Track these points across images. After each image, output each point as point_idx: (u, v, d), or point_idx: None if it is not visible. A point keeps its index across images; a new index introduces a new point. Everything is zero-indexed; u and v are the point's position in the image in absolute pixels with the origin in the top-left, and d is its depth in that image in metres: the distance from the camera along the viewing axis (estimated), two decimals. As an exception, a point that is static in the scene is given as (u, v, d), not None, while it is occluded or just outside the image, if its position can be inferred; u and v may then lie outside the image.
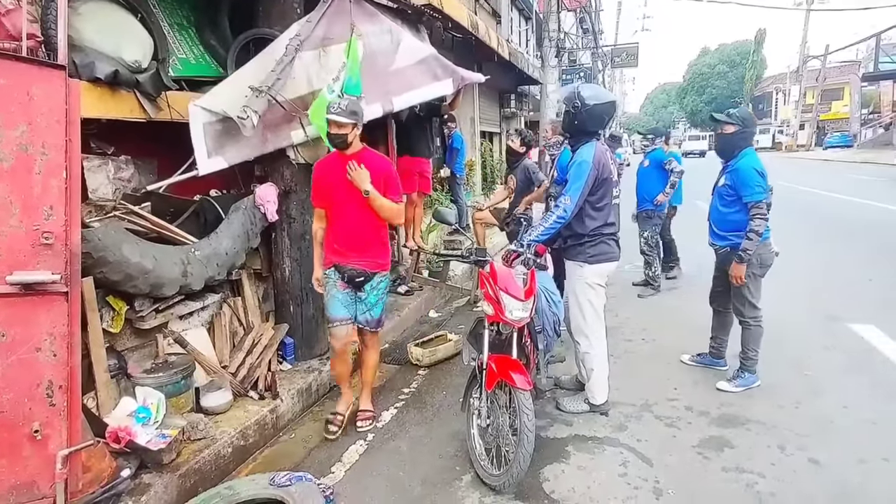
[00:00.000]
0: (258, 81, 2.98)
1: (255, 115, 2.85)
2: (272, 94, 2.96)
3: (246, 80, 3.04)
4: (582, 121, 2.82)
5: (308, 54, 3.31)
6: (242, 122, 2.84)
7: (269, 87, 2.94)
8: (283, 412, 3.17)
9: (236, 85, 3.08)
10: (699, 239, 7.96)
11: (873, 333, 3.96)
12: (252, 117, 2.83)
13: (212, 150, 3.12)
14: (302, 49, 3.23)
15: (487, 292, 2.50)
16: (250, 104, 2.86)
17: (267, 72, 3.05)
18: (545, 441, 2.81)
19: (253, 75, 3.07)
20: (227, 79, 3.19)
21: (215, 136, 3.12)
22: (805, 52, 35.36)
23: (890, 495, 2.26)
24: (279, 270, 3.65)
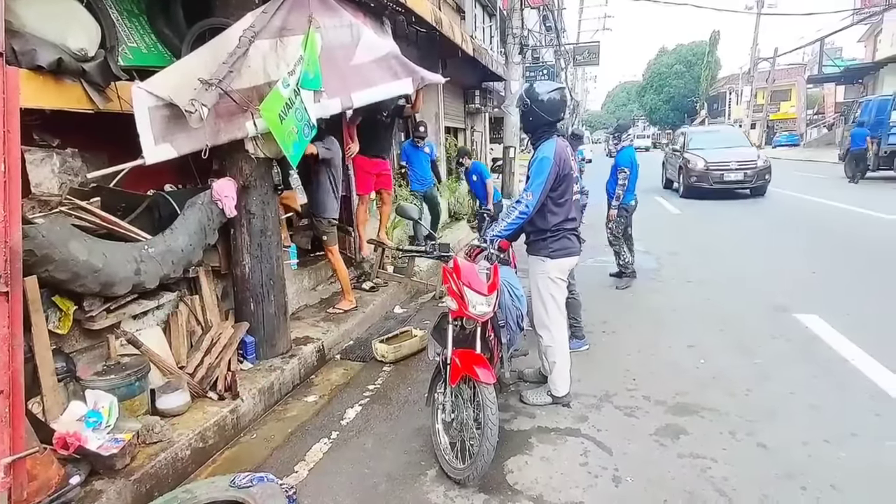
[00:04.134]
0: (209, 73, 2.87)
1: (203, 109, 2.74)
2: (223, 88, 2.86)
3: (195, 69, 2.90)
4: (536, 115, 2.87)
5: (265, 43, 3.21)
6: (190, 113, 2.72)
7: (221, 81, 2.84)
8: (244, 412, 3.10)
9: (185, 72, 2.92)
10: (648, 236, 8.19)
11: (816, 323, 4.18)
12: (201, 110, 2.72)
13: (159, 136, 2.92)
14: (258, 38, 3.14)
15: (451, 287, 2.51)
16: (199, 97, 2.74)
17: (218, 63, 2.93)
18: (509, 433, 2.85)
19: (203, 65, 2.94)
20: (175, 64, 3.04)
21: (163, 122, 2.92)
22: (756, 54, 36.81)
23: (829, 474, 2.40)
24: (239, 267, 3.56)
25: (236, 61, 3.01)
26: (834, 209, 9.80)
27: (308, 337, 4.07)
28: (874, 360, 3.46)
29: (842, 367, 3.44)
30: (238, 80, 3.09)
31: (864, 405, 2.97)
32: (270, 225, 3.57)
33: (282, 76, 3.12)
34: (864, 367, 3.39)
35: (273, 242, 3.60)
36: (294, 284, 4.75)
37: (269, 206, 3.54)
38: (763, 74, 37.99)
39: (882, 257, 6.19)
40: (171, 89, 2.86)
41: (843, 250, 6.60)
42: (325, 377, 3.78)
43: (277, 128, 3.04)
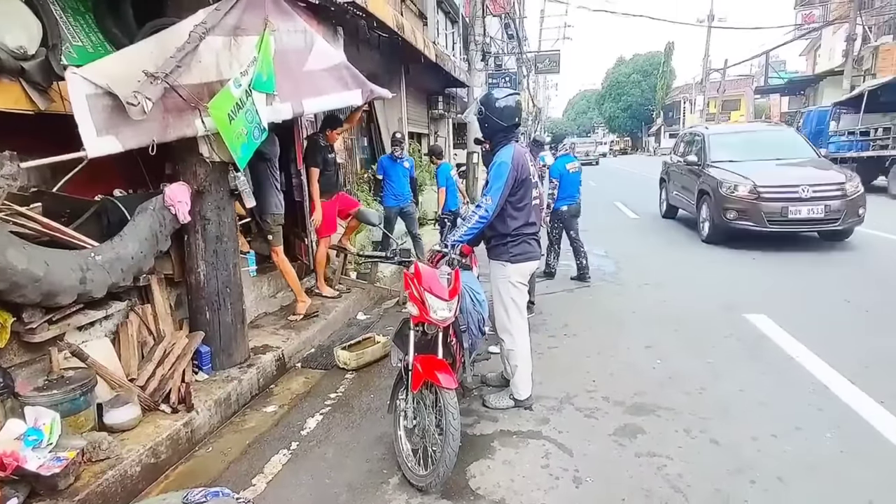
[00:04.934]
0: (154, 66, 2.75)
1: (147, 102, 2.61)
2: (169, 83, 2.76)
3: (139, 60, 2.77)
4: (491, 122, 2.92)
5: (218, 40, 3.12)
6: (131, 105, 2.59)
7: (167, 75, 2.73)
8: (199, 425, 2.99)
9: (128, 62, 2.78)
10: (607, 240, 8.39)
11: (764, 322, 4.37)
12: (144, 103, 2.59)
13: (102, 128, 2.71)
14: (211, 34, 3.05)
15: (412, 293, 2.50)
16: (143, 90, 2.62)
17: (166, 57, 2.82)
18: (472, 438, 2.85)
19: (149, 57, 2.82)
20: (117, 53, 2.90)
21: (106, 113, 2.72)
22: (707, 65, 38.43)
23: (776, 467, 2.50)
24: (193, 275, 3.44)
25: (185, 56, 2.91)
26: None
27: (267, 345, 3.97)
28: (817, 356, 3.64)
29: (787, 365, 3.60)
30: (187, 75, 2.99)
31: (807, 400, 3.12)
32: (227, 231, 3.47)
33: (234, 76, 3.05)
34: (807, 364, 3.56)
35: (230, 249, 3.50)
36: (253, 292, 4.63)
37: (224, 211, 3.44)
38: (714, 84, 39.68)
39: (823, 258, 6.54)
40: (110, 78, 2.69)
41: (788, 252, 6.93)
42: (285, 386, 3.70)
43: (226, 128, 2.97)
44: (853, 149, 13.94)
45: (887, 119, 13.05)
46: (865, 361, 3.56)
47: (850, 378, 3.30)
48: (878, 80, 15.19)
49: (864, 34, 22.81)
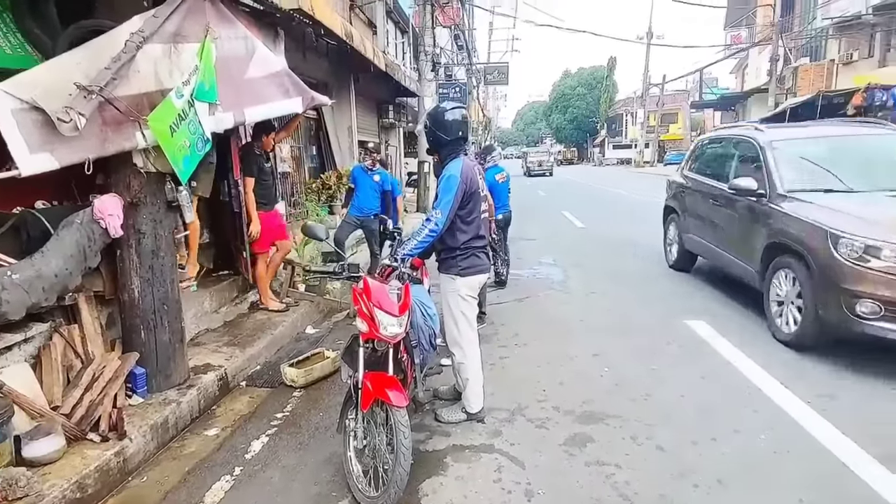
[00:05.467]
0: (87, 77, 2.59)
1: (80, 118, 2.47)
2: (105, 96, 2.61)
3: (70, 72, 2.61)
4: (437, 135, 2.93)
5: (157, 48, 2.98)
6: (62, 122, 2.43)
7: (102, 88, 2.58)
8: (133, 453, 2.80)
9: (57, 74, 2.61)
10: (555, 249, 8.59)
11: (705, 328, 4.57)
12: (77, 119, 2.44)
13: (36, 144, 2.53)
14: (149, 42, 2.90)
15: (361, 309, 2.44)
16: (76, 104, 2.47)
17: (100, 68, 2.66)
18: (424, 455, 2.81)
19: (80, 68, 2.65)
20: (44, 64, 2.71)
21: (38, 128, 2.54)
22: (647, 80, 40.38)
23: (716, 469, 2.60)
24: (126, 292, 3.24)
25: (121, 67, 2.76)
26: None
27: (209, 364, 3.78)
28: (751, 360, 3.84)
29: (725, 369, 3.77)
30: (125, 85, 2.83)
31: (743, 402, 3.27)
32: (163, 245, 3.29)
33: (176, 85, 2.91)
34: (743, 368, 3.74)
35: (167, 264, 3.32)
36: (193, 307, 4.41)
37: (161, 224, 3.26)
38: (654, 98, 41.71)
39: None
40: (37, 91, 2.52)
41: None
42: (228, 407, 3.53)
43: (167, 140, 2.83)
44: (778, 161, 14.91)
45: (808, 134, 14.02)
46: (793, 364, 3.78)
47: (781, 380, 3.50)
48: (798, 99, 16.38)
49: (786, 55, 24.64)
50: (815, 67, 23.54)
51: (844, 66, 21.61)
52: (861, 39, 20.91)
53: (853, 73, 20.08)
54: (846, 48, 21.78)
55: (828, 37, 23.29)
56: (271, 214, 4.91)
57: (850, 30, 21.13)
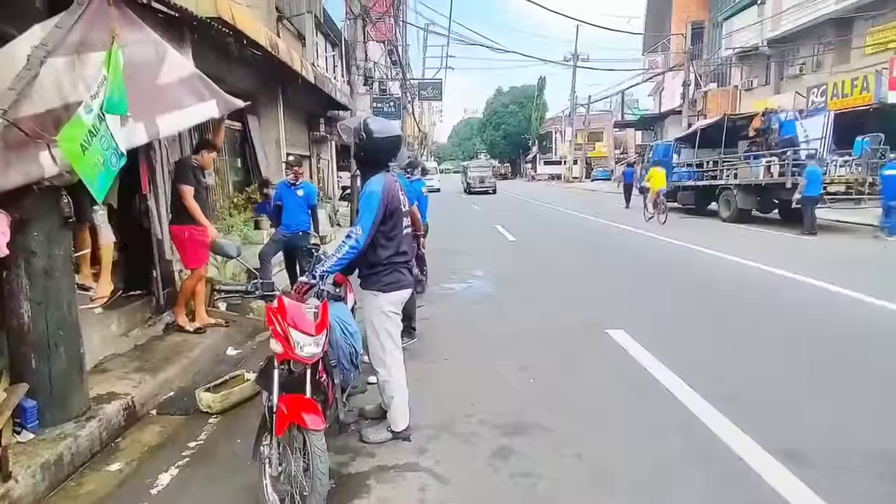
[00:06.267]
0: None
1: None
2: (10, 119, 2.40)
3: None
4: (369, 152, 2.88)
5: (59, 61, 2.78)
6: None
7: (6, 111, 2.38)
8: (20, 496, 2.51)
9: None
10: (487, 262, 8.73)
11: (623, 337, 4.79)
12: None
13: None
14: (52, 56, 2.70)
15: (275, 329, 2.35)
16: None
17: (2, 89, 2.47)
18: (347, 478, 2.72)
19: None
20: None
21: None
22: (574, 100, 42.40)
23: (633, 473, 2.71)
24: (15, 318, 2.93)
25: (25, 86, 2.55)
26: (634, 234, 11.52)
27: (114, 392, 3.49)
28: (664, 366, 4.05)
29: (641, 376, 3.96)
30: (28, 104, 2.63)
31: (657, 407, 3.44)
32: (59, 264, 3.01)
33: (83, 99, 2.71)
34: (658, 374, 3.94)
35: (63, 285, 3.04)
36: (99, 331, 4.08)
37: (56, 242, 2.99)
38: (581, 118, 43.85)
39: (664, 274, 7.39)
40: None
41: (637, 268, 7.74)
42: (135, 438, 3.26)
43: (79, 159, 2.64)
44: (691, 178, 16.13)
45: (715, 153, 15.32)
46: (701, 368, 4.03)
47: (692, 385, 3.71)
48: (707, 120, 17.83)
49: (696, 80, 26.74)
50: (722, 92, 25.76)
51: (746, 92, 23.80)
52: (759, 68, 23.13)
53: (753, 98, 22.19)
54: (747, 75, 24.02)
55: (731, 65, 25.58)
56: (192, 228, 4.66)
57: (750, 59, 23.33)
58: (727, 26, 24.30)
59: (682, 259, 8.68)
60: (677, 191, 16.69)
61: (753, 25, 21.68)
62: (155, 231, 4.63)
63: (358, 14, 12.61)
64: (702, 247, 9.57)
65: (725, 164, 14.48)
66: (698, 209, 16.17)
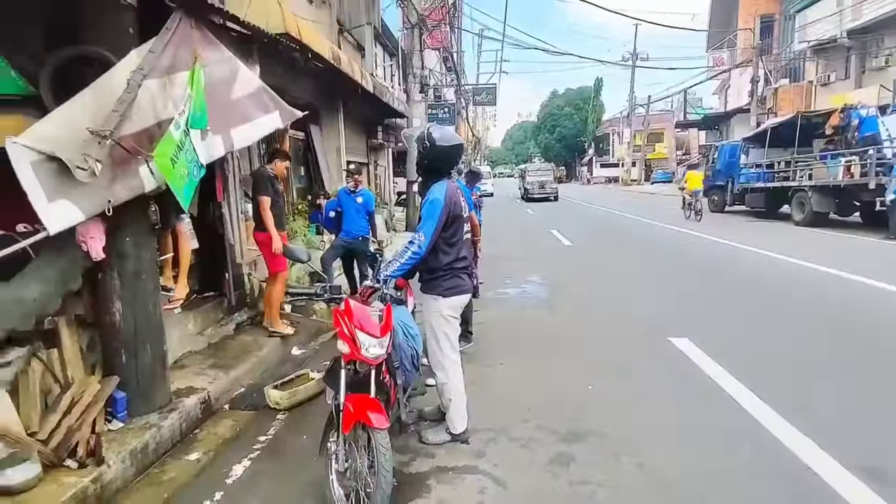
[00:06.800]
0: (95, 121, 2.67)
1: (97, 165, 2.60)
2: (115, 139, 2.70)
3: (79, 118, 2.69)
4: (432, 160, 2.95)
5: (153, 83, 3.06)
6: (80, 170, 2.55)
7: (112, 132, 2.67)
8: (111, 480, 2.75)
9: (68, 122, 2.68)
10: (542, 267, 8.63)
11: (687, 345, 4.61)
12: (94, 167, 2.58)
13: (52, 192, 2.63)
14: (146, 78, 2.97)
15: (342, 331, 2.45)
16: (90, 150, 2.58)
17: (107, 111, 2.74)
18: (408, 477, 2.79)
19: (88, 112, 2.73)
20: (54, 112, 2.75)
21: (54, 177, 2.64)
22: (633, 100, 41.20)
23: (698, 486, 2.62)
24: (107, 315, 3.21)
25: (126, 109, 2.84)
26: (699, 239, 11.04)
27: (192, 387, 3.74)
28: (731, 376, 3.87)
29: (706, 385, 3.80)
30: (128, 124, 2.91)
31: (724, 417, 3.30)
32: (146, 267, 3.28)
33: (172, 116, 2.98)
34: (724, 384, 3.77)
35: (149, 287, 3.31)
36: (177, 330, 4.38)
37: (144, 247, 3.26)
38: (640, 118, 42.52)
39: (735, 283, 7.03)
40: (52, 142, 2.61)
41: (708, 276, 7.41)
42: (210, 431, 3.48)
43: (170, 172, 2.93)
44: (761, 180, 15.27)
45: (788, 153, 14.43)
46: (772, 379, 3.82)
47: (761, 396, 3.53)
48: (778, 119, 16.83)
49: (766, 77, 25.29)
50: (795, 88, 24.20)
51: (822, 87, 22.25)
52: (837, 62, 21.57)
53: (830, 94, 20.70)
54: (823, 70, 22.45)
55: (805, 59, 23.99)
56: (282, 236, 4.93)
57: (827, 53, 21.80)
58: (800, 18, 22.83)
59: (750, 264, 8.25)
60: (745, 193, 15.84)
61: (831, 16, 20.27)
62: (228, 236, 4.93)
63: (415, 23, 12.88)
64: (772, 251, 9.06)
65: (799, 164, 13.62)
66: (769, 212, 15.28)
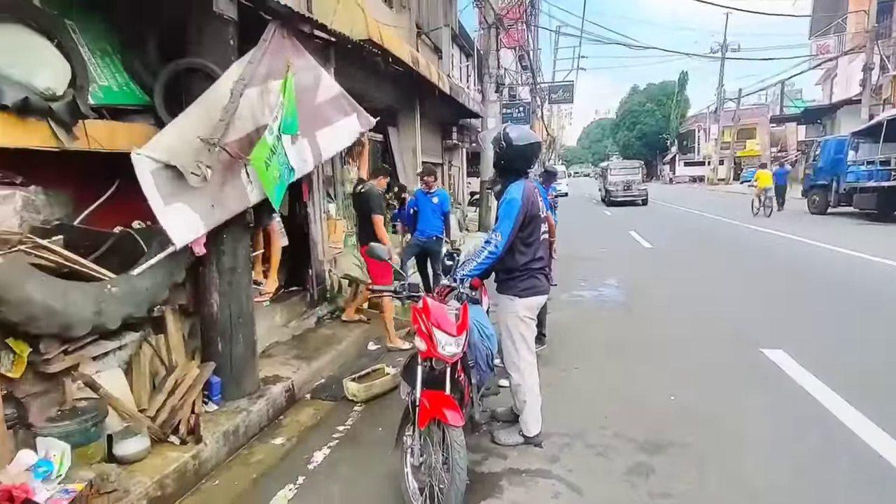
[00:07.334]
0: (205, 131, 2.95)
1: (208, 171, 2.87)
2: (222, 146, 2.97)
3: (191, 128, 2.98)
4: (508, 160, 2.93)
5: (252, 91, 3.33)
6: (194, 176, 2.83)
7: (220, 139, 2.95)
8: (207, 458, 2.99)
9: (181, 133, 2.98)
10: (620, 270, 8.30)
11: (782, 357, 4.26)
12: (206, 172, 2.84)
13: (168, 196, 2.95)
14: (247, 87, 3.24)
15: (420, 328, 2.50)
16: (202, 158, 2.86)
17: (214, 120, 3.02)
18: (480, 476, 2.80)
19: (199, 123, 3.02)
20: (170, 125, 3.06)
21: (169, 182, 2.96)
22: (722, 94, 38.61)
23: (787, 496, 2.42)
24: (206, 306, 3.49)
25: (231, 116, 3.11)
26: (791, 241, 10.15)
27: (278, 376, 3.98)
28: (834, 392, 3.54)
29: (803, 400, 3.50)
30: (232, 131, 3.19)
31: (821, 432, 3.03)
32: (241, 263, 3.53)
33: (268, 123, 3.21)
34: (823, 400, 3.45)
35: (243, 280, 3.55)
36: (265, 321, 4.67)
37: (240, 243, 3.51)
38: (729, 114, 39.75)
39: (837, 289, 6.40)
40: (168, 151, 2.91)
41: (803, 283, 6.80)
42: (294, 418, 3.69)
43: (263, 175, 3.18)
44: (873, 178, 13.76)
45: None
46: (879, 395, 3.44)
47: (864, 412, 3.20)
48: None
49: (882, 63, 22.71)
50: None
51: (951, 74, 19.64)
52: (971, 44, 18.96)
53: (962, 80, 18.23)
54: (953, 54, 19.81)
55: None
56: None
57: (958, 34, 19.22)
58: (925, -4, 20.33)
59: (855, 271, 7.46)
60: (852, 193, 14.35)
61: (963, -8, 17.86)
62: (312, 235, 5.19)
63: (492, 23, 12.86)
64: (881, 257, 8.14)
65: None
66: (882, 214, 13.73)
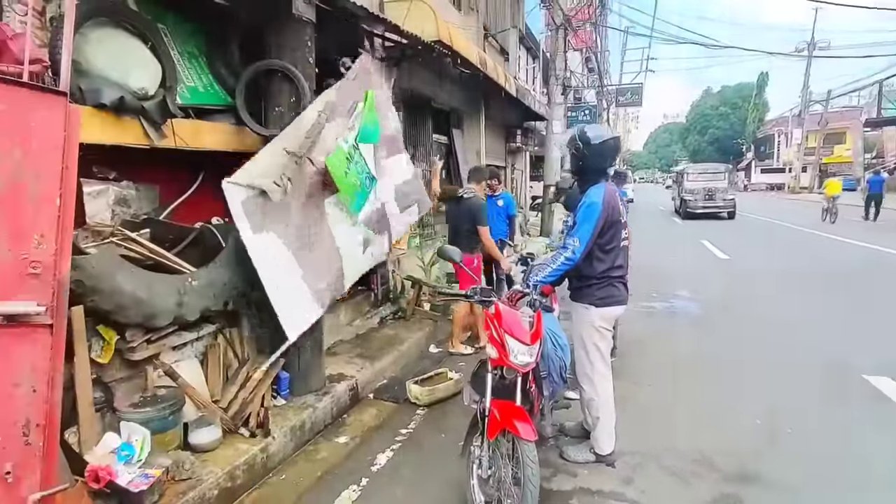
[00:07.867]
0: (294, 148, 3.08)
1: (287, 182, 2.96)
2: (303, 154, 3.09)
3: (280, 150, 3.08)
4: (587, 160, 2.77)
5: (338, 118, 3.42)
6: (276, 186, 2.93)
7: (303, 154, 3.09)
8: (275, 451, 3.03)
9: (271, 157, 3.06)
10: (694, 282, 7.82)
11: (887, 384, 3.82)
12: (286, 185, 2.93)
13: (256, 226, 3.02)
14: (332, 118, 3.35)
15: (492, 335, 2.40)
16: (286, 171, 2.97)
17: (301, 139, 3.12)
18: (548, 493, 2.66)
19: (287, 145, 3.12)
20: (264, 149, 3.12)
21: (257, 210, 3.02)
22: (807, 96, 35.95)
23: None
24: (277, 301, 3.55)
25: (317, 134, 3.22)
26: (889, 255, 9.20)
27: (342, 374, 4.00)
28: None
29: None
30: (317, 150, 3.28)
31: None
32: (311, 260, 3.57)
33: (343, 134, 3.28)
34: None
35: (313, 278, 3.59)
36: (330, 319, 4.72)
37: (310, 242, 3.56)
38: (814, 117, 36.94)
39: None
40: (257, 176, 2.98)
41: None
42: (357, 417, 3.69)
43: (342, 181, 3.23)
44: None
45: None
46: None
47: None
48: None
49: None
50: None
51: None
52: None
53: None
54: None
55: None
56: (478, 257, 4.98)
57: None
58: None
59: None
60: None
61: None
62: (381, 235, 5.22)
63: (560, 24, 12.59)
64: None
65: None
66: None
